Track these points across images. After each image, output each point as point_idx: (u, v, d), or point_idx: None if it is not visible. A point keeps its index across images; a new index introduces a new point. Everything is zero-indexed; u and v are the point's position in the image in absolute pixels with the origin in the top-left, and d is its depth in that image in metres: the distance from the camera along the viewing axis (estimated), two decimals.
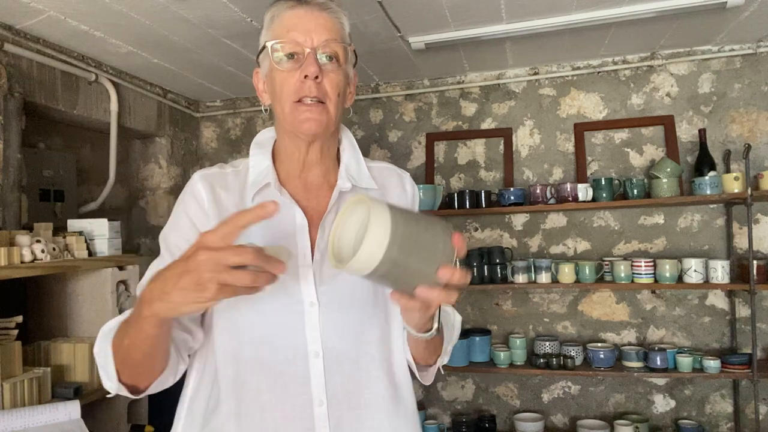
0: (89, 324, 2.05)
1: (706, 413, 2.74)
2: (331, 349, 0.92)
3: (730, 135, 2.73)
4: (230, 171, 1.02)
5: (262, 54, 0.98)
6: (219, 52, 2.53)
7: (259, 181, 0.97)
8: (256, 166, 1.00)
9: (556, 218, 2.95)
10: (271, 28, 0.96)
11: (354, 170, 1.02)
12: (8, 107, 2.00)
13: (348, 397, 0.93)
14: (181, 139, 3.28)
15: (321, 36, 0.92)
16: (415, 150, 3.16)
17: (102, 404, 2.01)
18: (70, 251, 1.94)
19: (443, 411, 3.06)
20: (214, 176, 1.00)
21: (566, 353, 2.70)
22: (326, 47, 0.92)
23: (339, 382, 0.93)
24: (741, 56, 2.72)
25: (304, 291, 0.92)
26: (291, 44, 0.92)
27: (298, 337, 0.91)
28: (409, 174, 1.09)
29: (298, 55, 0.92)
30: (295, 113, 0.93)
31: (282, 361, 0.92)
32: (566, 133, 2.95)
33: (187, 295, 0.68)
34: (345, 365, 0.93)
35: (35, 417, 1.50)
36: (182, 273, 0.68)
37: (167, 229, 0.99)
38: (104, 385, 0.88)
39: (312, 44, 0.91)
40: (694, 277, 2.52)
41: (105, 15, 2.07)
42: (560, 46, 2.66)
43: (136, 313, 0.78)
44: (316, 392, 0.91)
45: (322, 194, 1.00)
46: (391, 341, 0.99)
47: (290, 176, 1.00)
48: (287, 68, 0.93)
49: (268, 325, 0.92)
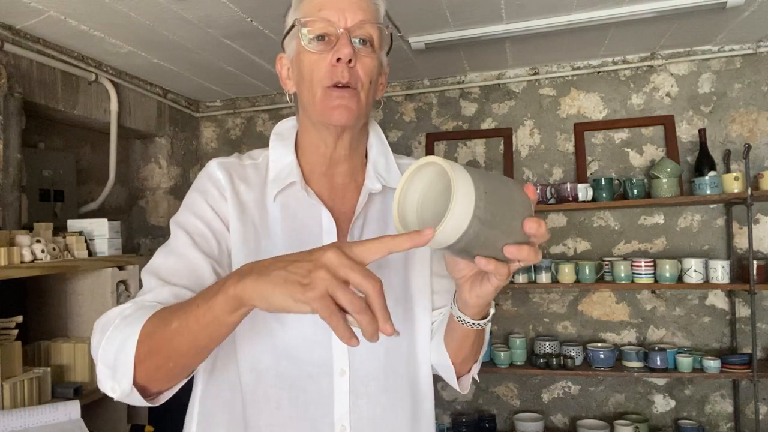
0: (89, 324, 2.05)
1: (706, 413, 2.74)
2: (358, 367, 0.85)
3: (730, 135, 2.73)
4: (249, 163, 0.92)
5: (288, 35, 0.89)
6: (219, 52, 2.53)
7: (282, 179, 0.88)
8: (277, 161, 0.91)
9: (556, 218, 2.95)
10: (300, 6, 0.86)
11: (383, 168, 0.93)
12: (8, 107, 2.00)
13: (372, 425, 0.85)
14: (181, 139, 3.28)
15: (356, 16, 0.83)
16: (415, 150, 3.16)
17: (102, 404, 2.01)
18: (70, 251, 1.94)
19: (443, 411, 3.06)
20: (232, 165, 0.90)
21: (566, 353, 2.70)
22: (361, 29, 0.84)
23: (365, 406, 0.85)
24: (741, 56, 2.72)
25: None
26: (323, 23, 0.83)
27: (324, 351, 0.83)
28: None
29: (330, 37, 0.83)
30: (326, 99, 0.83)
31: (304, 377, 0.83)
32: (566, 133, 2.95)
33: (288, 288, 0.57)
34: (371, 386, 0.86)
35: (35, 417, 1.50)
36: (297, 260, 0.59)
37: (182, 215, 0.87)
38: (105, 387, 0.71)
39: (345, 24, 0.83)
40: (694, 277, 2.52)
41: (105, 15, 2.07)
42: (560, 46, 2.66)
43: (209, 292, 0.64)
44: (338, 416, 0.84)
45: (349, 195, 0.92)
46: (417, 355, 0.92)
47: (314, 173, 0.91)
48: (318, 50, 0.83)
49: (291, 338, 0.83)
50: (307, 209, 0.88)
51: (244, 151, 0.96)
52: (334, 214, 0.88)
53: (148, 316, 0.70)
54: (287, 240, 0.86)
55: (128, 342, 0.68)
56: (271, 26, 2.25)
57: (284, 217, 0.88)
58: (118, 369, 0.69)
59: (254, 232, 0.87)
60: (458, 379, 0.92)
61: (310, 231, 0.87)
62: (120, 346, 0.69)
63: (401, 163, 0.97)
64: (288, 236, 0.86)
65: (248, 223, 0.87)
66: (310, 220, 0.87)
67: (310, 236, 0.87)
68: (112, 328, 0.72)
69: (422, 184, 0.67)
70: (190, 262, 0.81)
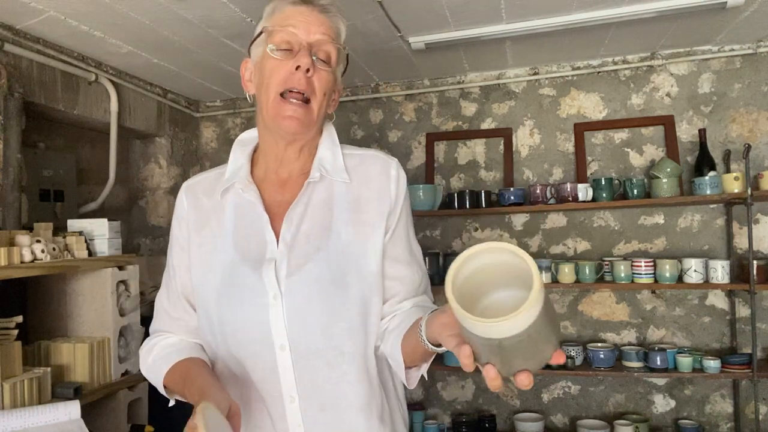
0: (89, 324, 2.05)
1: (706, 413, 2.74)
2: (297, 342, 0.92)
3: (730, 135, 2.73)
4: (215, 173, 1.06)
5: (256, 41, 0.99)
6: (219, 52, 2.53)
7: (229, 180, 1.01)
8: (233, 164, 1.03)
9: (556, 218, 2.95)
10: (271, 18, 0.97)
11: (329, 162, 1.00)
12: (8, 107, 2.00)
13: (319, 395, 0.92)
14: (181, 139, 3.28)
15: (318, 35, 0.94)
16: (415, 150, 3.16)
17: (102, 404, 2.01)
18: (70, 251, 1.94)
19: (443, 411, 3.06)
20: (198, 184, 1.06)
21: (566, 353, 2.70)
22: (322, 45, 0.94)
23: (308, 378, 0.92)
24: (741, 56, 2.72)
25: (267, 284, 0.92)
26: (288, 35, 0.93)
27: (264, 330, 0.92)
28: (397, 160, 1.03)
29: (293, 48, 0.93)
30: (278, 107, 0.93)
31: (251, 355, 0.94)
32: (566, 133, 2.95)
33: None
34: (313, 360, 0.92)
35: (35, 417, 1.50)
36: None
37: (170, 246, 1.08)
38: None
39: (308, 39, 0.93)
40: (694, 277, 2.52)
41: (105, 15, 2.07)
42: (560, 46, 2.66)
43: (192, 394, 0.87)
44: (286, 388, 0.92)
45: (297, 188, 0.99)
46: (366, 336, 0.95)
47: (269, 170, 1.02)
48: (280, 57, 0.94)
49: (236, 320, 0.94)
50: (250, 205, 1.00)
51: None
52: (283, 205, 0.98)
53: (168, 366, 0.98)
54: (237, 234, 0.99)
55: (159, 383, 1.01)
56: None
57: (236, 215, 1.00)
58: (161, 390, 1.01)
59: (210, 233, 1.02)
60: (406, 372, 0.94)
61: (255, 224, 0.98)
62: (156, 382, 1.01)
63: (353, 153, 1.03)
64: (238, 231, 0.99)
65: (206, 227, 1.02)
66: (253, 212, 0.99)
67: (255, 228, 0.98)
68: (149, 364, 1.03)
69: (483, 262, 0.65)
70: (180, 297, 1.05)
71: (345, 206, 0.97)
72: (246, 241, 0.98)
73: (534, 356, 0.64)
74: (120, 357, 2.07)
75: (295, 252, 0.94)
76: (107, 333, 2.02)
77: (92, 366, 1.92)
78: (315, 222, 0.96)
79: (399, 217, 1.00)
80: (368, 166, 1.01)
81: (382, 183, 0.99)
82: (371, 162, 1.02)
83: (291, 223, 0.96)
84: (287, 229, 0.95)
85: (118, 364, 2.05)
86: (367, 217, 0.97)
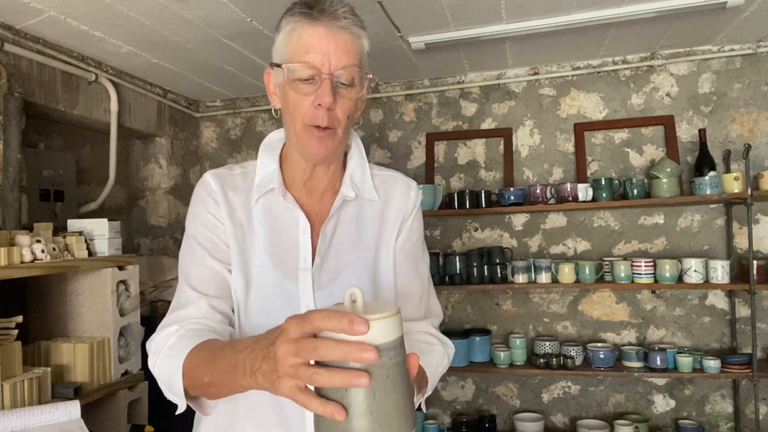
0: (89, 324, 2.05)
1: (706, 413, 2.74)
2: None
3: (730, 135, 2.73)
4: (239, 172, 1.04)
5: (275, 68, 0.96)
6: (219, 52, 2.53)
7: (264, 184, 1.00)
8: (262, 169, 1.02)
9: (556, 218, 2.95)
10: (289, 43, 0.92)
11: (358, 179, 1.03)
12: (8, 107, 2.00)
13: None
14: (181, 139, 3.28)
15: (339, 61, 0.89)
16: (415, 150, 3.16)
17: (102, 404, 2.01)
18: (70, 251, 1.94)
19: (443, 411, 3.06)
20: (223, 176, 1.02)
21: (566, 353, 2.70)
22: (343, 71, 0.90)
23: None
24: (741, 56, 2.72)
25: (302, 295, 0.94)
26: (308, 68, 0.89)
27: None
28: (416, 183, 1.10)
29: (315, 78, 0.89)
30: (304, 137, 0.92)
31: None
32: (566, 133, 2.95)
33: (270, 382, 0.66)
34: None
35: (35, 417, 1.50)
36: (266, 357, 0.66)
37: (192, 226, 0.99)
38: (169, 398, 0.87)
39: (329, 69, 0.89)
40: (694, 277, 2.52)
41: (105, 15, 2.07)
42: (560, 46, 2.66)
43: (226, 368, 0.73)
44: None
45: (326, 199, 1.01)
46: None
47: (296, 181, 1.02)
48: (302, 90, 0.90)
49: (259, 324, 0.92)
50: (286, 212, 0.99)
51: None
52: (311, 216, 0.99)
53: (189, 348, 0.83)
54: (268, 238, 0.97)
55: (175, 374, 0.83)
56: (271, 26, 2.24)
57: (266, 218, 0.99)
58: (173, 391, 0.84)
59: (242, 230, 0.98)
60: None
61: (288, 231, 0.98)
62: (170, 375, 0.84)
63: (376, 174, 1.06)
64: (269, 235, 0.97)
65: (236, 222, 0.99)
66: (289, 221, 0.98)
67: (288, 235, 0.98)
68: (161, 355, 0.87)
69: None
70: (215, 273, 0.96)
71: (371, 223, 1.02)
72: (278, 247, 0.97)
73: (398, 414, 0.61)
74: (120, 357, 2.07)
75: (326, 265, 0.97)
76: (107, 333, 2.02)
77: (92, 366, 1.92)
78: (344, 237, 1.00)
79: (411, 228, 1.05)
80: (390, 186, 1.06)
81: (402, 203, 1.05)
82: (393, 182, 1.07)
83: (325, 236, 0.98)
84: (322, 242, 0.97)
85: (118, 364, 2.05)
86: (388, 235, 1.03)
